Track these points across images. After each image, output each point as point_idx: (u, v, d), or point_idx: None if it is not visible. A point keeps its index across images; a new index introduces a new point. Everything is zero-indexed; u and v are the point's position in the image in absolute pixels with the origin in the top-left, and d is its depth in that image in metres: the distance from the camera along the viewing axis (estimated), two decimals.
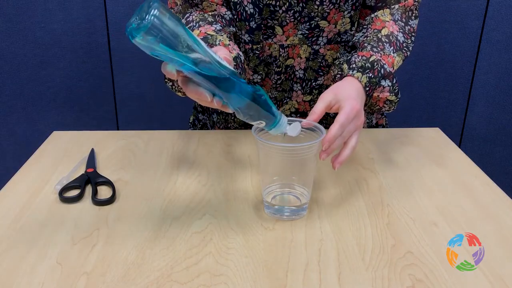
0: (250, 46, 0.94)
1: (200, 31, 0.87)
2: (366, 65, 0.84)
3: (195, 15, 0.92)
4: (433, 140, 1.01)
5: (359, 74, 0.83)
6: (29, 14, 1.70)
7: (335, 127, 0.71)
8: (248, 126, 1.07)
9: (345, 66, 0.86)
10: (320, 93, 1.00)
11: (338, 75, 0.87)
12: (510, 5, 1.76)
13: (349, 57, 0.87)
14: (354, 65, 0.84)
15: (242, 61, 0.86)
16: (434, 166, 0.90)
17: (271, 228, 0.71)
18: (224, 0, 0.92)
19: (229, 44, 0.84)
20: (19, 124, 1.85)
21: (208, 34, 0.85)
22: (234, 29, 0.93)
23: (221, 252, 0.66)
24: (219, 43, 0.83)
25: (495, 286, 0.60)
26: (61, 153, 0.93)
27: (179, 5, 0.95)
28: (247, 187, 0.82)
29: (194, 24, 0.89)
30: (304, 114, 1.03)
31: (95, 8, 1.71)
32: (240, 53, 0.87)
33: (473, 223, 0.73)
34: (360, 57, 0.85)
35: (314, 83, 1.00)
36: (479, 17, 1.78)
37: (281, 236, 0.69)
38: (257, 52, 0.95)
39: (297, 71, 0.98)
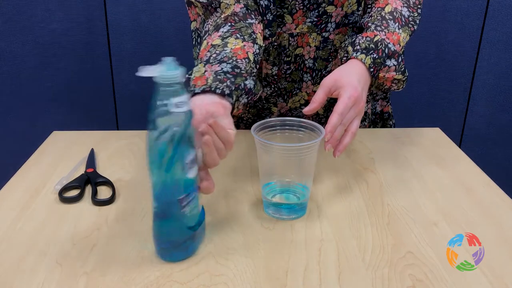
0: (270, 40, 0.93)
1: (207, 43, 0.83)
2: (370, 46, 0.83)
3: (209, 24, 0.89)
4: (433, 140, 1.01)
5: (363, 56, 0.83)
6: (29, 14, 1.70)
7: (334, 117, 0.72)
8: (248, 126, 1.07)
9: (349, 48, 0.86)
10: None
11: (344, 58, 0.87)
12: (510, 5, 1.76)
13: (354, 39, 0.87)
14: (358, 47, 0.84)
15: (258, 60, 0.83)
16: (434, 166, 0.90)
17: (271, 228, 0.71)
18: None
19: (244, 46, 0.81)
20: (19, 124, 1.85)
21: (213, 44, 0.81)
22: (251, 21, 0.87)
23: (221, 252, 0.66)
24: (230, 52, 0.78)
25: (495, 286, 0.60)
26: (61, 153, 0.93)
27: (201, 15, 0.93)
28: (247, 187, 0.82)
29: (204, 35, 0.88)
30: None
31: (95, 8, 1.71)
32: (257, 49, 0.83)
33: (473, 223, 0.73)
34: (364, 38, 0.85)
35: (324, 72, 0.99)
36: (479, 17, 1.78)
37: (281, 236, 0.69)
38: (275, 44, 0.94)
39: (307, 60, 0.97)
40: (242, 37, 0.83)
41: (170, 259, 0.63)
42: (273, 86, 1.00)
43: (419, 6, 0.93)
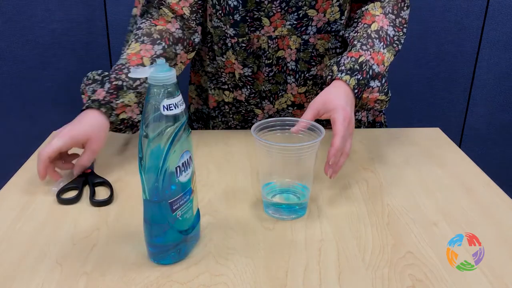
0: (236, 40, 0.94)
1: (139, 52, 0.88)
2: (355, 67, 0.84)
3: (145, 26, 0.91)
4: (433, 140, 1.01)
5: (348, 77, 0.83)
6: (29, 14, 1.70)
7: (337, 140, 0.73)
8: (247, 126, 1.07)
9: (335, 68, 0.86)
10: (314, 83, 1.01)
11: (329, 77, 0.87)
12: (510, 5, 1.76)
13: (339, 58, 0.87)
14: (343, 67, 0.84)
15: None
16: (434, 166, 0.90)
17: (271, 228, 0.71)
18: (192, 11, 0.92)
19: (133, 104, 0.87)
20: (19, 124, 1.85)
21: (144, 64, 0.86)
22: (180, 47, 0.93)
23: (221, 252, 0.66)
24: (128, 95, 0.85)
25: (495, 286, 0.60)
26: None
27: (141, 4, 0.95)
28: (247, 187, 0.82)
29: (139, 37, 0.90)
30: (300, 106, 1.03)
31: (95, 8, 1.71)
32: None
33: (473, 223, 0.73)
34: (349, 59, 0.85)
35: (307, 74, 0.99)
36: (479, 17, 1.78)
37: (281, 236, 0.69)
38: (243, 45, 0.94)
39: (289, 62, 0.97)
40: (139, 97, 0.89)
41: (162, 262, 0.63)
42: (249, 87, 1.00)
43: (405, 26, 0.93)
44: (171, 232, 0.62)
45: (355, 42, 0.88)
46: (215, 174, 0.86)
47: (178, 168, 0.60)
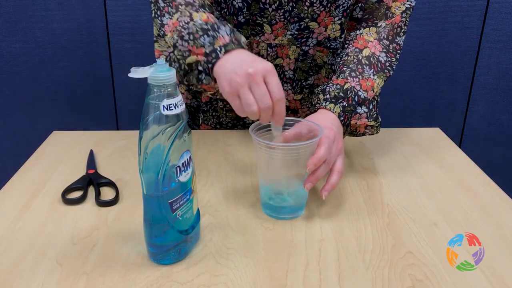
0: None
1: (208, 18, 0.81)
2: (340, 94, 0.83)
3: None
4: (433, 140, 1.01)
5: (332, 105, 0.82)
6: (29, 14, 1.70)
7: (322, 149, 0.70)
8: (239, 124, 1.06)
9: (321, 96, 0.85)
10: (310, 92, 1.01)
11: (317, 105, 0.86)
12: (510, 5, 1.76)
13: (325, 86, 0.86)
14: (328, 96, 0.83)
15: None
16: (434, 166, 0.90)
17: (271, 228, 0.71)
18: None
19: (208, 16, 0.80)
20: (19, 124, 1.85)
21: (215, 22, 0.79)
22: None
23: (221, 252, 0.66)
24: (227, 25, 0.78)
25: (495, 286, 0.60)
26: (61, 153, 0.93)
27: None
28: (247, 187, 0.82)
29: (198, 7, 0.83)
30: (294, 112, 1.04)
31: (95, 8, 1.71)
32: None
33: (473, 223, 0.73)
34: (334, 86, 0.84)
35: (304, 83, 0.99)
36: (479, 17, 1.78)
37: (281, 236, 0.69)
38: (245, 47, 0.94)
39: (287, 71, 0.97)
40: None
41: (162, 262, 0.63)
42: None
43: (398, 52, 0.92)
44: (171, 232, 0.62)
45: (344, 68, 0.88)
46: (215, 174, 0.86)
47: (178, 168, 0.60)
